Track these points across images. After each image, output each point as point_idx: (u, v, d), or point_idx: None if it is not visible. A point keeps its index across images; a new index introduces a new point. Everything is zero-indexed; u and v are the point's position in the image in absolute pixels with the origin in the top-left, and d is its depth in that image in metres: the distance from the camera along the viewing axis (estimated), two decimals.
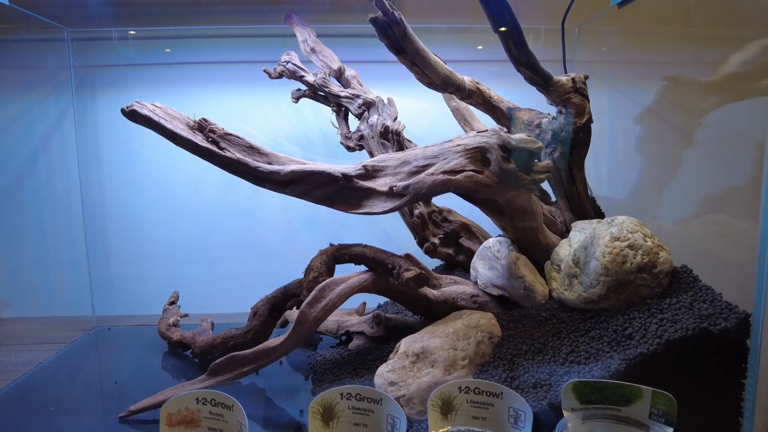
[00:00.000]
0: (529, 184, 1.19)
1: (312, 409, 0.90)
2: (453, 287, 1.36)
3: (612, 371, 0.99)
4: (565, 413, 0.92)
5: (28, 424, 1.12)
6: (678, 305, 1.06)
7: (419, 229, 1.56)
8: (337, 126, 1.75)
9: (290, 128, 1.97)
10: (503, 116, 1.50)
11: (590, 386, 0.92)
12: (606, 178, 1.82)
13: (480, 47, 1.92)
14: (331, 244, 1.30)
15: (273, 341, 1.14)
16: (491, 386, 0.91)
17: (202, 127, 1.19)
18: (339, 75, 1.71)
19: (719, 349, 0.99)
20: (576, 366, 1.04)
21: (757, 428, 0.97)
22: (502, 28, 1.17)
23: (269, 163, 1.21)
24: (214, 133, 1.19)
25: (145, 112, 1.15)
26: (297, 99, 1.78)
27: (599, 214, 1.50)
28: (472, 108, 1.61)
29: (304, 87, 1.76)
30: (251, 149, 1.21)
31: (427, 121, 1.91)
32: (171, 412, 0.90)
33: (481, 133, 1.20)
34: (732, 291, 1.07)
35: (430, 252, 1.57)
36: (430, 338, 1.10)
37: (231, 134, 1.20)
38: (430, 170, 1.17)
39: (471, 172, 1.15)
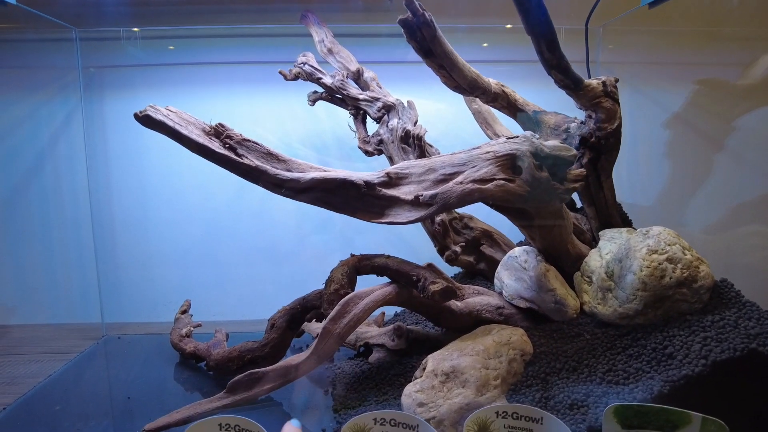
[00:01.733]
0: (562, 193, 1.14)
1: None
2: (477, 298, 1.31)
3: (654, 393, 0.93)
4: None
5: None
6: (722, 323, 1.01)
7: (440, 237, 1.51)
8: (355, 130, 1.69)
9: (303, 131, 1.92)
10: (528, 120, 1.45)
11: (633, 410, 0.87)
12: (627, 183, 1.77)
13: (485, 44, 1.86)
14: (352, 255, 1.25)
15: (294, 358, 1.09)
16: (531, 411, 0.86)
17: (218, 132, 1.14)
18: (357, 77, 1.65)
19: None
20: (614, 386, 0.99)
21: None
22: (536, 30, 1.11)
23: (288, 170, 1.16)
24: (232, 139, 1.13)
25: (159, 117, 1.10)
26: (314, 102, 1.72)
27: (626, 222, 1.45)
28: (494, 111, 1.56)
29: (320, 89, 1.70)
30: (270, 156, 1.16)
31: (443, 122, 1.86)
32: None
33: (511, 140, 1.15)
34: None
35: (451, 260, 1.52)
36: (460, 356, 1.04)
37: (249, 140, 1.15)
38: (459, 179, 1.11)
39: (502, 181, 1.10)
